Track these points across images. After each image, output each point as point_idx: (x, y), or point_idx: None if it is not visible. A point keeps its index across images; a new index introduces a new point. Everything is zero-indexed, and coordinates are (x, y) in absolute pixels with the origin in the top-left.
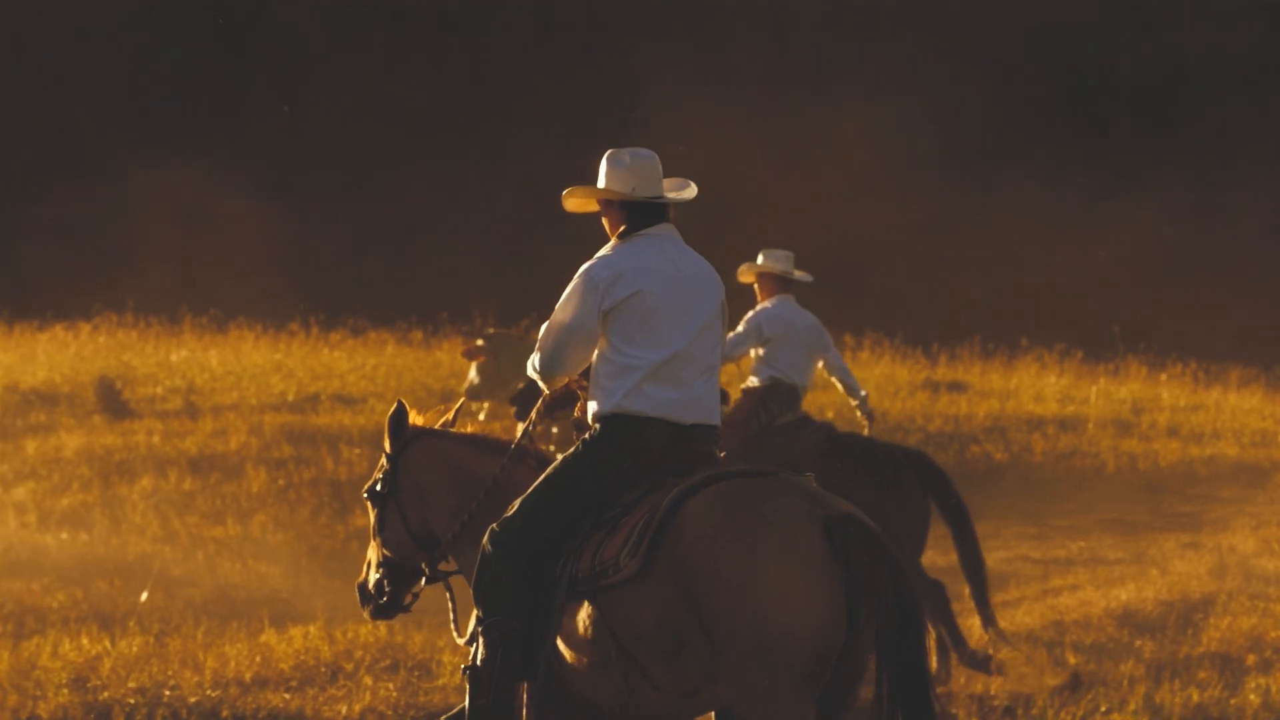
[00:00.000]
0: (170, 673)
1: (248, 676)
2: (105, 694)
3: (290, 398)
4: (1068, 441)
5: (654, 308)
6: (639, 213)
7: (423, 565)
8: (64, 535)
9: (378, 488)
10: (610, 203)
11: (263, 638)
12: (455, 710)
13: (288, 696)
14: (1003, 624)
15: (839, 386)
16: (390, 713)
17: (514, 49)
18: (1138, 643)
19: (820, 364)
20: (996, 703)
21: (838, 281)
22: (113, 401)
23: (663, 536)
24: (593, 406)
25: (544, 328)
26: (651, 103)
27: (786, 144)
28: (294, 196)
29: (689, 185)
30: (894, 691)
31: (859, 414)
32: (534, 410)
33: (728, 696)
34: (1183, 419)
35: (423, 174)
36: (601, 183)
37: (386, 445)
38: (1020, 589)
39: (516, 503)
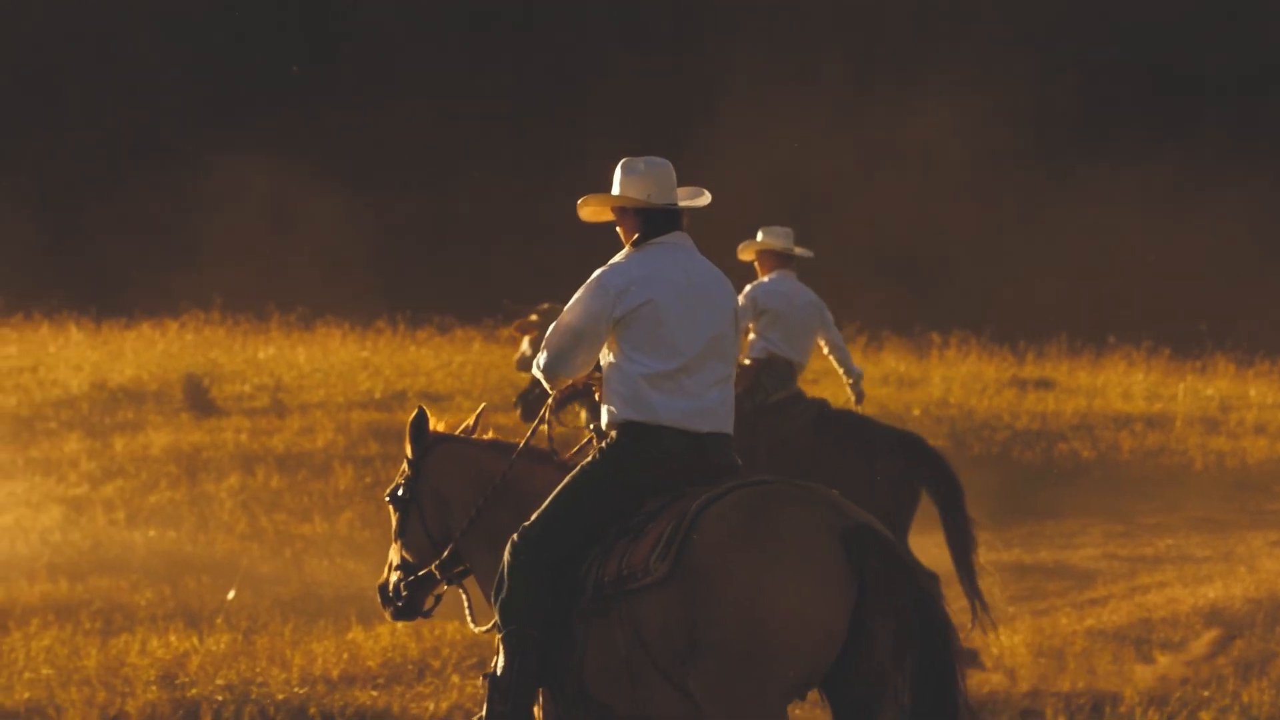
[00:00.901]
0: (258, 670)
1: (335, 674)
2: (193, 691)
3: (377, 395)
4: (1155, 439)
5: (665, 317)
6: (654, 220)
7: (434, 570)
8: (152, 533)
9: (399, 492)
10: (625, 210)
11: (350, 635)
12: (476, 718)
13: (375, 694)
14: (1089, 621)
15: (835, 365)
16: (477, 710)
17: (595, 47)
18: None
19: (821, 342)
20: (1083, 700)
21: (924, 279)
22: (200, 399)
23: (689, 542)
24: (606, 415)
25: (551, 328)
26: (733, 101)
27: (870, 142)
28: (379, 193)
29: (703, 193)
30: (922, 696)
31: (849, 392)
32: (544, 408)
33: (703, 699)
34: (1271, 416)
35: (508, 171)
36: (616, 190)
37: (408, 450)
38: (1108, 587)
39: (536, 513)
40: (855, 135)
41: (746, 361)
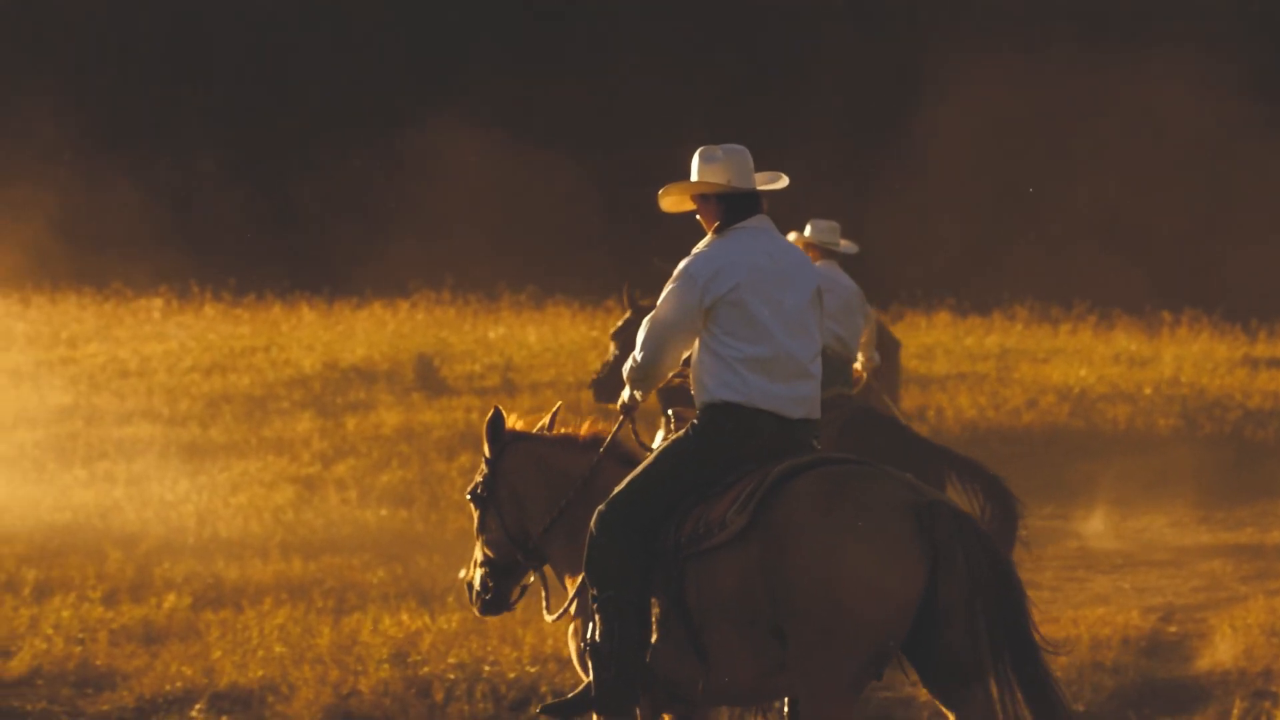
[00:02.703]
0: (489, 649)
1: (566, 653)
2: (425, 669)
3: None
4: None
5: (752, 301)
6: (734, 206)
7: (519, 557)
8: (384, 512)
9: (478, 490)
10: (706, 197)
11: None
12: (581, 686)
13: None
14: None
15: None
16: None
17: (820, 17)
18: None
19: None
20: None
21: (1154, 257)
22: (431, 378)
23: (769, 501)
24: (699, 394)
25: (644, 326)
26: (959, 71)
27: (1099, 113)
28: (607, 169)
29: (780, 177)
30: (1001, 655)
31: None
32: (623, 418)
33: (791, 665)
34: None
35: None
36: (695, 178)
37: (485, 450)
38: None
39: (623, 482)
40: (1083, 106)
41: None
